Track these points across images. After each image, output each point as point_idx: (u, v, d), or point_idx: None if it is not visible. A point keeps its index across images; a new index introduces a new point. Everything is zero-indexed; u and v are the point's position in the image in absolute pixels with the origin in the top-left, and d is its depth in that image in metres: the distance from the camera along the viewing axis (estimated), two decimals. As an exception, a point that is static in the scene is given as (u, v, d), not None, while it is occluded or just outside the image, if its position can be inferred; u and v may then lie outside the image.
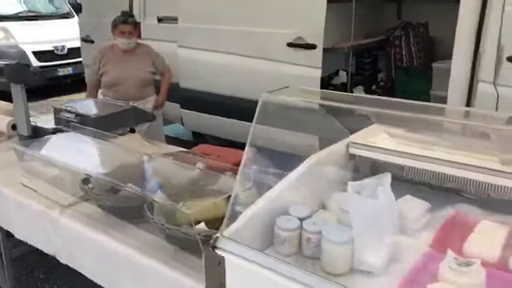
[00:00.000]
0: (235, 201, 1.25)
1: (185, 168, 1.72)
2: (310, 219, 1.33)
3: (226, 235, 1.19)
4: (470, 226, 1.38)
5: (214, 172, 1.63)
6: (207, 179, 1.61)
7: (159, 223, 1.36)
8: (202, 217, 1.30)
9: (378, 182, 1.30)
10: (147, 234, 1.49)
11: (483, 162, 1.47)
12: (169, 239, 1.40)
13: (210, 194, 1.48)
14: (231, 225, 1.23)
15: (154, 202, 1.42)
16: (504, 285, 1.13)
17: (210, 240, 1.23)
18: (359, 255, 1.22)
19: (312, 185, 1.53)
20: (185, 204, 1.31)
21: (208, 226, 1.32)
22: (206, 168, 1.72)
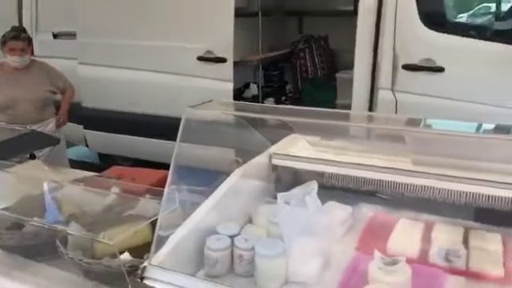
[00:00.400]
0: (161, 225, 1.17)
1: (99, 194, 1.59)
2: (240, 236, 1.29)
3: (154, 263, 1.11)
4: (391, 226, 1.44)
5: (132, 196, 1.53)
6: (125, 204, 1.50)
7: (76, 258, 1.22)
8: (125, 246, 1.20)
9: (305, 191, 1.31)
10: (61, 272, 1.34)
11: (396, 164, 1.56)
12: (87, 275, 1.27)
13: (130, 220, 1.37)
14: (159, 251, 1.15)
15: (69, 234, 1.28)
16: (427, 278, 1.19)
17: (136, 270, 1.14)
18: (293, 267, 1.21)
19: (238, 200, 1.50)
20: (104, 234, 1.20)
21: (132, 255, 1.22)
22: (122, 192, 1.60)
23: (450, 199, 1.47)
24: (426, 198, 1.51)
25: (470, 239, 1.34)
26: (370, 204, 1.60)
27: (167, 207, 1.20)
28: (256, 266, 1.21)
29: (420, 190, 1.51)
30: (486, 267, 1.22)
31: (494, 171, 1.42)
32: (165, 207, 1.19)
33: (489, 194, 1.41)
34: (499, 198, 1.39)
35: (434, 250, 1.29)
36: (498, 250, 1.29)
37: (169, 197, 1.20)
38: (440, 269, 1.23)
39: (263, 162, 1.69)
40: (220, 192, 1.42)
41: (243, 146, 1.72)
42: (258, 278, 1.21)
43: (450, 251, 1.27)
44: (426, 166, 1.49)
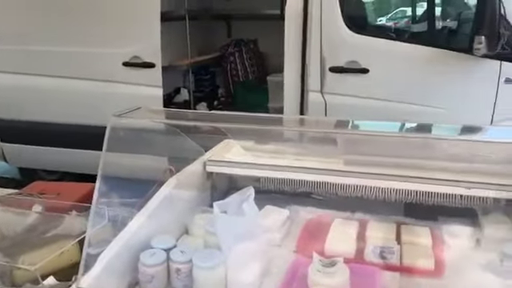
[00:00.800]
0: (89, 243, 1.09)
1: (19, 214, 1.45)
2: (176, 248, 1.24)
3: (83, 286, 1.02)
4: (327, 226, 1.46)
5: (56, 213, 1.42)
6: (49, 223, 1.38)
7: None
8: (50, 269, 1.10)
9: (242, 198, 1.28)
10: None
11: (329, 165, 1.58)
12: (7, 304, 1.15)
13: (54, 241, 1.27)
14: (88, 271, 1.06)
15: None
16: (364, 277, 1.21)
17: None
18: (232, 276, 1.18)
19: (173, 210, 1.44)
20: (25, 258, 1.09)
21: (58, 278, 1.12)
22: (45, 210, 1.48)
23: (381, 197, 1.52)
24: (359, 197, 1.55)
25: (401, 235, 1.40)
26: (306, 206, 1.61)
27: (95, 223, 1.12)
28: (194, 279, 1.16)
29: (353, 190, 1.55)
30: (418, 261, 1.27)
31: (420, 168, 1.49)
32: (93, 223, 1.11)
33: (417, 190, 1.47)
34: (426, 193, 1.46)
35: (369, 249, 1.32)
36: (427, 243, 1.35)
37: (97, 212, 1.11)
38: (376, 266, 1.26)
39: (197, 170, 1.64)
40: (153, 203, 1.35)
41: (175, 154, 1.66)
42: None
43: (385, 248, 1.31)
44: (357, 166, 1.53)
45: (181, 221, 1.48)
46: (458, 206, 1.44)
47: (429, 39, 3.02)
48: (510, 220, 1.35)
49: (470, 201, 1.42)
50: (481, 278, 1.21)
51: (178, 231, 1.44)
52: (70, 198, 1.64)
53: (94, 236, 1.14)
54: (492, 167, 1.43)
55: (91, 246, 1.11)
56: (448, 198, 1.44)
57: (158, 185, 1.46)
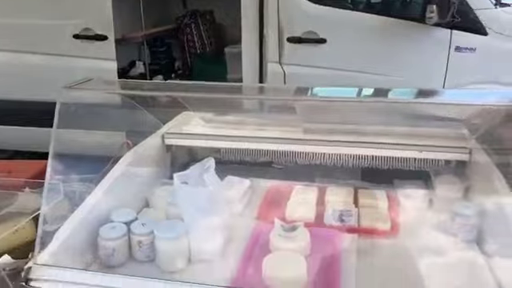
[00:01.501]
0: (45, 219, 1.05)
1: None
2: (136, 221, 1.22)
3: (40, 262, 1.00)
4: (287, 194, 1.48)
5: (9, 191, 1.36)
6: (1, 201, 1.33)
7: None
8: (5, 248, 1.06)
9: (202, 169, 1.28)
10: None
11: (289, 134, 1.60)
12: (-40, 286, 1.10)
13: (8, 218, 1.22)
14: (45, 248, 1.03)
15: None
16: (324, 239, 1.25)
17: (20, 273, 1.01)
18: (196, 246, 1.18)
19: (132, 184, 1.42)
20: (-23, 237, 1.05)
21: (13, 256, 1.09)
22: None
23: (339, 163, 1.56)
24: (318, 164, 1.58)
25: (359, 199, 1.44)
26: (267, 175, 1.63)
27: (50, 199, 1.08)
28: (157, 250, 1.16)
29: (312, 157, 1.58)
30: (374, 223, 1.31)
31: (376, 133, 1.53)
32: (47, 199, 1.07)
33: (373, 155, 1.52)
34: (382, 158, 1.51)
35: (328, 213, 1.36)
36: (383, 205, 1.40)
37: (51, 188, 1.08)
38: (335, 229, 1.29)
39: (156, 143, 1.62)
40: (111, 178, 1.33)
41: (132, 127, 1.62)
42: (161, 261, 1.16)
43: (343, 212, 1.35)
44: (316, 134, 1.55)
45: (141, 194, 1.46)
46: (412, 168, 1.50)
47: (383, 9, 3.06)
48: (459, 180, 1.42)
49: (422, 163, 1.48)
50: (433, 236, 1.27)
51: (138, 204, 1.42)
52: (22, 176, 1.58)
53: (50, 212, 1.10)
54: (443, 130, 1.50)
55: (47, 223, 1.08)
56: (402, 161, 1.49)
57: (115, 159, 1.43)
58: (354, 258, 1.18)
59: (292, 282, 1.06)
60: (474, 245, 1.22)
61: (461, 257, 1.19)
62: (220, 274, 1.13)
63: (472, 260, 1.17)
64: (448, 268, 1.14)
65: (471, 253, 1.19)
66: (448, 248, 1.21)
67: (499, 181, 1.20)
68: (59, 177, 1.25)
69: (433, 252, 1.19)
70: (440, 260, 1.17)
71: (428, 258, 1.16)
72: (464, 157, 1.42)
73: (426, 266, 1.14)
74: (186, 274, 1.14)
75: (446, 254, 1.19)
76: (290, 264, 1.10)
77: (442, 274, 1.12)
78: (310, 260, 1.14)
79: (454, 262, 1.17)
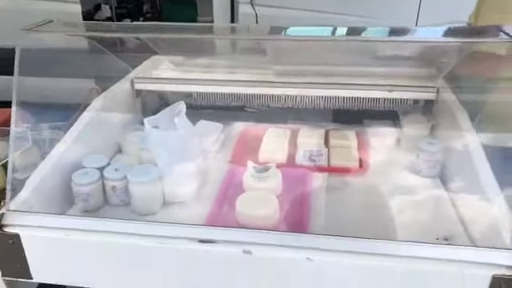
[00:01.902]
0: (14, 166, 1.04)
1: None
2: (109, 167, 1.22)
3: (13, 208, 1.00)
4: (260, 137, 1.50)
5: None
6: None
7: None
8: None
9: (173, 113, 1.27)
10: None
11: (261, 76, 1.59)
12: None
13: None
14: (17, 195, 1.03)
15: None
16: (295, 179, 1.28)
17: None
18: (170, 189, 1.20)
19: (103, 130, 1.40)
20: None
21: (-15, 204, 1.08)
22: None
23: (310, 105, 1.57)
24: (290, 107, 1.59)
25: (330, 139, 1.47)
26: (240, 119, 1.63)
27: (18, 147, 1.07)
28: (131, 194, 1.17)
29: (283, 100, 1.58)
30: (344, 162, 1.35)
31: (346, 74, 1.54)
32: (15, 147, 1.05)
33: (343, 96, 1.53)
34: (352, 99, 1.53)
35: (299, 153, 1.39)
36: (353, 145, 1.43)
37: (18, 136, 1.06)
38: (306, 169, 1.33)
39: (125, 88, 1.59)
40: (81, 124, 1.30)
41: (100, 72, 1.57)
42: (135, 205, 1.17)
43: (313, 152, 1.38)
44: (287, 76, 1.55)
45: (113, 140, 1.45)
46: (382, 109, 1.53)
47: None
48: (426, 119, 1.46)
49: (391, 103, 1.51)
50: (399, 173, 1.33)
51: (110, 151, 1.41)
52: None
53: (19, 160, 1.09)
54: (412, 70, 1.51)
55: (17, 171, 1.07)
56: (372, 102, 1.51)
57: (84, 106, 1.40)
58: (324, 196, 1.23)
59: (264, 218, 1.09)
60: (438, 180, 1.28)
61: (425, 192, 1.24)
62: (194, 215, 1.16)
63: (435, 196, 1.23)
64: (412, 203, 1.20)
65: (435, 189, 1.25)
66: (413, 184, 1.27)
67: (464, 119, 1.23)
68: (26, 125, 1.22)
69: (399, 188, 1.24)
70: (405, 196, 1.22)
71: (394, 194, 1.21)
72: (431, 96, 1.45)
73: (392, 201, 1.19)
74: (160, 216, 1.16)
75: (411, 189, 1.24)
76: (262, 202, 1.13)
77: (407, 209, 1.17)
78: (282, 198, 1.18)
79: (418, 198, 1.22)
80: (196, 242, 0.93)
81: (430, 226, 1.08)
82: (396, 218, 1.13)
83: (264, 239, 0.91)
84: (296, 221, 1.13)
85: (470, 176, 1.10)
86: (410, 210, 1.17)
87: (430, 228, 1.06)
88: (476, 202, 1.03)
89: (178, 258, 0.94)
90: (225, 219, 1.14)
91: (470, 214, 1.07)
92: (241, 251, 0.90)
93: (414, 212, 1.16)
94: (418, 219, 1.13)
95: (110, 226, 0.95)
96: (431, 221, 1.11)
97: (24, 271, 1.00)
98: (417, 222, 1.11)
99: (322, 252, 0.88)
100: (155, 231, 0.94)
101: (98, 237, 0.95)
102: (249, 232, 0.93)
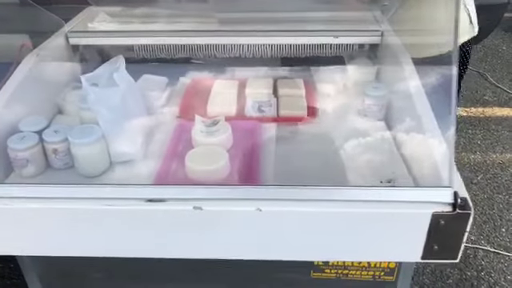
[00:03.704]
0: None
1: None
2: (49, 129, 1.16)
3: None
4: (208, 89, 1.47)
5: None
6: None
7: None
8: None
9: (112, 68, 1.20)
10: None
11: (205, 26, 1.53)
12: None
13: None
14: None
15: None
16: (245, 131, 1.28)
17: None
18: (114, 148, 1.16)
19: (38, 90, 1.32)
20: None
21: None
22: None
23: (257, 54, 1.54)
24: (237, 57, 1.55)
25: (278, 88, 1.46)
26: (185, 71, 1.58)
27: None
28: (74, 156, 1.12)
29: (230, 49, 1.54)
30: (292, 111, 1.35)
31: (292, 20, 1.51)
32: None
33: (290, 43, 1.51)
34: (299, 46, 1.51)
35: (248, 105, 1.37)
36: (301, 93, 1.43)
37: None
38: (255, 120, 1.32)
39: (59, 44, 1.48)
40: (13, 84, 1.22)
41: (30, 27, 1.46)
42: (80, 167, 1.13)
43: (262, 103, 1.37)
44: (232, 24, 1.50)
45: (50, 100, 1.36)
46: (328, 55, 1.52)
47: None
48: (372, 63, 1.47)
49: (337, 49, 1.50)
50: (347, 118, 1.35)
51: (49, 112, 1.34)
52: None
53: None
54: (357, 14, 1.50)
55: None
56: (318, 48, 1.51)
57: (16, 65, 1.30)
58: (274, 147, 1.23)
59: (214, 173, 1.09)
60: (383, 123, 1.32)
61: (371, 136, 1.27)
62: (143, 173, 1.14)
63: (381, 139, 1.26)
64: (359, 147, 1.22)
65: (381, 132, 1.28)
66: (359, 128, 1.29)
67: (406, 62, 1.25)
68: None
69: (346, 134, 1.26)
70: (352, 141, 1.24)
71: (341, 140, 1.23)
72: (376, 40, 1.46)
73: (340, 147, 1.21)
74: (107, 177, 1.13)
75: (357, 134, 1.26)
76: (212, 157, 1.12)
77: (354, 154, 1.20)
78: (232, 152, 1.18)
79: (364, 142, 1.25)
80: (144, 202, 0.91)
81: (376, 168, 1.11)
82: (344, 162, 1.16)
83: (214, 194, 0.91)
84: (247, 173, 1.13)
85: (412, 118, 1.13)
86: (357, 155, 1.20)
87: (376, 171, 1.09)
88: (417, 143, 1.07)
89: (126, 219, 0.92)
90: (175, 177, 1.12)
91: (413, 156, 1.11)
92: (191, 208, 0.90)
93: (361, 156, 1.19)
94: (364, 163, 1.16)
95: (53, 192, 0.91)
96: (377, 163, 1.14)
97: (-36, 244, 0.95)
98: (363, 166, 1.14)
99: (271, 202, 0.89)
100: (101, 193, 0.91)
101: (43, 204, 0.91)
102: (198, 188, 0.92)
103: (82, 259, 0.98)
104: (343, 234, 0.92)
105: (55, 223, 0.94)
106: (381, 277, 1.20)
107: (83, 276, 1.24)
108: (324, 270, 1.22)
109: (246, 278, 1.22)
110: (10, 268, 1.91)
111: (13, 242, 0.97)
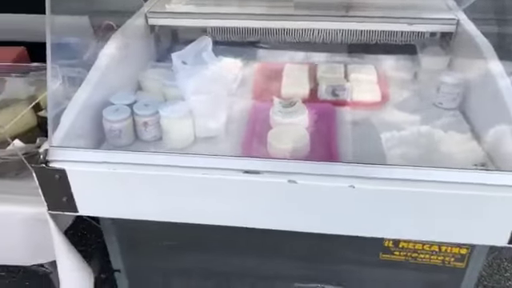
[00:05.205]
0: (52, 102, 1.04)
1: None
2: (139, 103, 1.22)
3: (55, 144, 1.01)
4: (279, 72, 1.50)
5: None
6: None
7: None
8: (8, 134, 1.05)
9: (199, 48, 1.26)
10: None
11: (278, 10, 1.56)
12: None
13: (4, 106, 1.18)
14: (56, 131, 1.04)
15: None
16: (321, 113, 1.31)
17: (32, 156, 1.03)
18: (200, 124, 1.22)
19: (123, 67, 1.38)
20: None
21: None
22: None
23: (328, 39, 1.56)
24: (307, 42, 1.58)
25: (349, 74, 1.48)
26: (256, 54, 1.62)
27: (53, 84, 1.05)
28: (164, 130, 1.19)
29: (301, 34, 1.57)
30: (366, 96, 1.38)
31: (365, 6, 1.52)
32: (51, 84, 1.04)
33: (362, 29, 1.52)
34: (370, 32, 1.53)
35: (322, 88, 1.40)
36: (373, 79, 1.45)
37: (53, 73, 1.04)
38: (329, 103, 1.35)
39: (139, 24, 1.55)
40: (103, 60, 1.28)
41: (111, 7, 1.52)
42: (168, 140, 1.19)
43: (336, 87, 1.40)
44: (307, 9, 1.53)
45: (132, 77, 1.43)
46: (399, 42, 1.53)
47: None
48: (444, 52, 1.47)
49: (409, 36, 1.51)
50: (419, 106, 1.36)
51: (131, 88, 1.41)
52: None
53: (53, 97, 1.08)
54: (430, 2, 1.50)
55: (53, 107, 1.06)
56: (390, 35, 1.52)
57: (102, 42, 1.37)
58: (349, 129, 1.26)
59: (296, 152, 1.13)
60: (457, 112, 1.32)
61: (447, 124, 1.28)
62: (225, 149, 1.19)
63: (456, 127, 1.27)
64: (433, 135, 1.24)
65: (456, 121, 1.29)
66: (434, 116, 1.31)
67: (488, 51, 1.25)
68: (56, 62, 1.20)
69: (420, 120, 1.28)
70: (426, 127, 1.26)
71: (417, 126, 1.25)
72: (450, 28, 1.46)
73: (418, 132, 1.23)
74: (192, 151, 1.19)
75: (431, 122, 1.28)
76: (294, 136, 1.16)
77: (429, 141, 1.22)
78: (309, 133, 1.21)
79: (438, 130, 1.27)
80: (241, 173, 0.96)
81: (455, 155, 1.13)
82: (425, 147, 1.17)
83: (309, 169, 0.95)
84: (326, 153, 1.17)
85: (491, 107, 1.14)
86: (434, 142, 1.21)
87: (457, 157, 1.11)
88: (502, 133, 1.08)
89: (222, 188, 0.98)
90: (257, 152, 1.17)
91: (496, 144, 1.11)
92: (286, 181, 0.94)
93: (433, 142, 1.21)
94: (441, 150, 1.18)
95: (155, 160, 0.97)
96: (456, 150, 1.15)
97: (70, 205, 1.03)
98: (441, 152, 1.16)
99: (365, 180, 0.93)
100: (201, 163, 0.97)
101: (145, 170, 0.98)
102: (293, 162, 0.97)
103: (164, 226, 1.04)
104: (436, 216, 0.94)
105: (154, 189, 1.00)
106: (451, 262, 1.22)
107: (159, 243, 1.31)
108: (393, 251, 1.25)
109: (317, 254, 1.26)
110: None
111: (113, 205, 1.04)
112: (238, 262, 1.27)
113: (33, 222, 1.09)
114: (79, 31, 1.46)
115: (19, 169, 1.11)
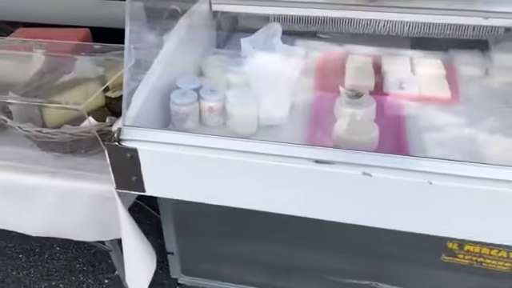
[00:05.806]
0: (127, 84, 1.05)
1: (21, 59, 1.35)
2: (205, 88, 1.22)
3: (128, 123, 1.02)
4: (341, 63, 1.47)
5: (67, 55, 1.33)
6: (61, 66, 1.30)
7: (32, 130, 1.06)
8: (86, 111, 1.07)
9: (268, 34, 1.24)
10: (11, 148, 1.18)
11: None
12: (43, 146, 1.13)
13: (79, 83, 1.20)
14: (127, 111, 1.05)
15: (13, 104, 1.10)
16: (388, 106, 1.27)
17: (105, 134, 1.05)
18: (265, 111, 1.21)
19: (187, 52, 1.39)
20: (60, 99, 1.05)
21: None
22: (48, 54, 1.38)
23: (393, 31, 1.51)
24: (370, 33, 1.54)
25: (416, 67, 1.43)
26: (318, 44, 1.59)
27: (128, 64, 1.06)
28: (229, 115, 1.18)
29: (365, 25, 1.53)
30: (435, 91, 1.33)
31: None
32: (126, 64, 1.05)
33: (428, 22, 1.47)
34: (438, 25, 1.47)
35: (389, 81, 1.36)
36: (441, 74, 1.39)
37: (130, 53, 1.05)
38: (397, 96, 1.31)
39: (204, 9, 1.54)
40: (171, 45, 1.29)
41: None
42: (233, 126, 1.19)
43: (403, 80, 1.35)
44: None
45: (195, 62, 1.43)
46: (470, 37, 1.46)
47: None
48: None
49: (482, 31, 1.44)
50: (491, 104, 1.30)
51: (193, 73, 1.41)
52: (65, 43, 1.53)
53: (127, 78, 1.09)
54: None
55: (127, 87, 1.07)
56: (461, 29, 1.45)
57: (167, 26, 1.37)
58: (419, 124, 1.22)
59: (364, 144, 1.10)
60: (533, 112, 1.25)
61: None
62: (290, 138, 1.17)
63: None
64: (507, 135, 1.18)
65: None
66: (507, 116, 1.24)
67: None
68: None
69: (492, 119, 1.22)
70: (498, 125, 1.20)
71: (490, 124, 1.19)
72: (529, 24, 1.38)
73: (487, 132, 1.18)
74: (256, 137, 1.18)
75: (504, 121, 1.22)
76: (363, 128, 1.13)
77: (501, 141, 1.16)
78: (378, 125, 1.18)
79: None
80: (312, 162, 0.94)
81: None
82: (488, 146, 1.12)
83: (383, 162, 0.92)
84: (395, 147, 1.13)
85: None
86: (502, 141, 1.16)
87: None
88: None
89: (293, 177, 0.96)
90: (322, 142, 1.15)
91: None
92: (360, 173, 0.91)
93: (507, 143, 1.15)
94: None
95: (228, 144, 0.97)
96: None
97: (138, 184, 1.04)
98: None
99: (443, 176, 0.89)
100: (273, 150, 0.96)
101: (216, 154, 0.97)
102: (368, 154, 0.94)
103: (223, 212, 1.03)
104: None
105: (225, 173, 0.99)
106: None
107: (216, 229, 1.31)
108: (457, 254, 1.21)
109: (378, 251, 1.23)
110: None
111: (182, 186, 1.04)
112: (296, 253, 1.26)
113: (100, 200, 1.11)
114: (146, 15, 1.47)
115: (88, 146, 1.13)
